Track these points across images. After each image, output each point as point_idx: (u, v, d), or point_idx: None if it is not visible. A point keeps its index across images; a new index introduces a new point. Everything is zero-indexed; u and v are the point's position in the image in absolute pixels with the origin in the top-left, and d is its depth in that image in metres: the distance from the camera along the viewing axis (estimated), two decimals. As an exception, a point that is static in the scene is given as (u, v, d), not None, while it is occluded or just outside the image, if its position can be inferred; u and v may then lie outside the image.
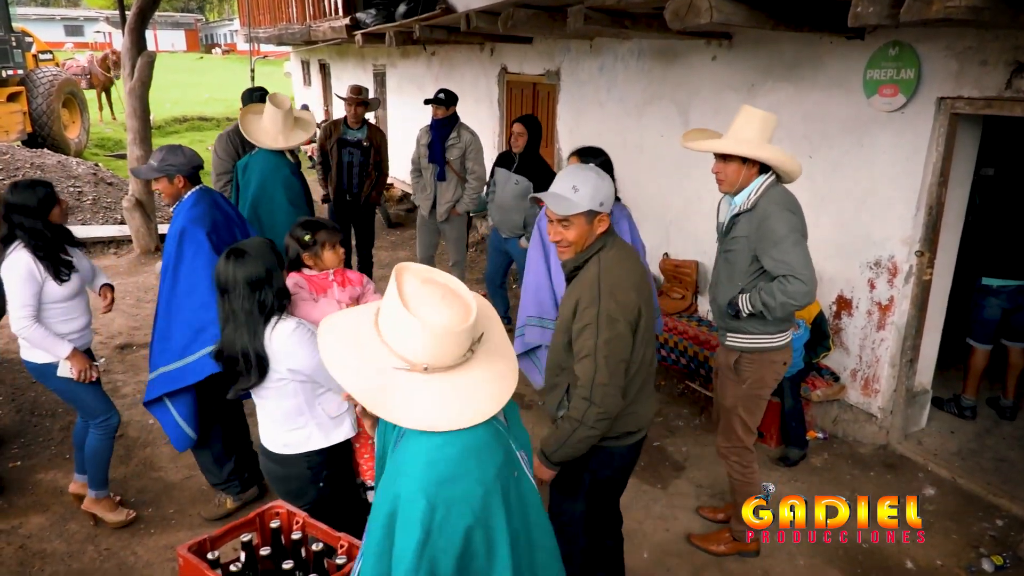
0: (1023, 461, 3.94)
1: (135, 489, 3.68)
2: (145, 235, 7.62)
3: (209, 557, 1.94)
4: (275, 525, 2.03)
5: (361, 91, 5.68)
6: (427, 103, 5.52)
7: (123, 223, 8.38)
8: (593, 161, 3.47)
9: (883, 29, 3.62)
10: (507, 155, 5.10)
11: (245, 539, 1.94)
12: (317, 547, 1.97)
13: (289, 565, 1.88)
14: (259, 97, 4.98)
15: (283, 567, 1.88)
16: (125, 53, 7.39)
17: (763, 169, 2.83)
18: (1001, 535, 3.40)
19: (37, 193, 2.98)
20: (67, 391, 3.19)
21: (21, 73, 12.34)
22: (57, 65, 14.66)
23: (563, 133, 6.64)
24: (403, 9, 7.72)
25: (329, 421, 2.49)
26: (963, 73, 3.42)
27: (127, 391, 4.65)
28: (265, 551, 1.91)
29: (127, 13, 7.41)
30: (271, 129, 4.32)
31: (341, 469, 2.63)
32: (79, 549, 3.25)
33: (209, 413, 3.30)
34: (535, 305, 3.52)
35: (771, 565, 3.21)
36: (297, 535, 2.01)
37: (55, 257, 3.02)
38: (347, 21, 9.36)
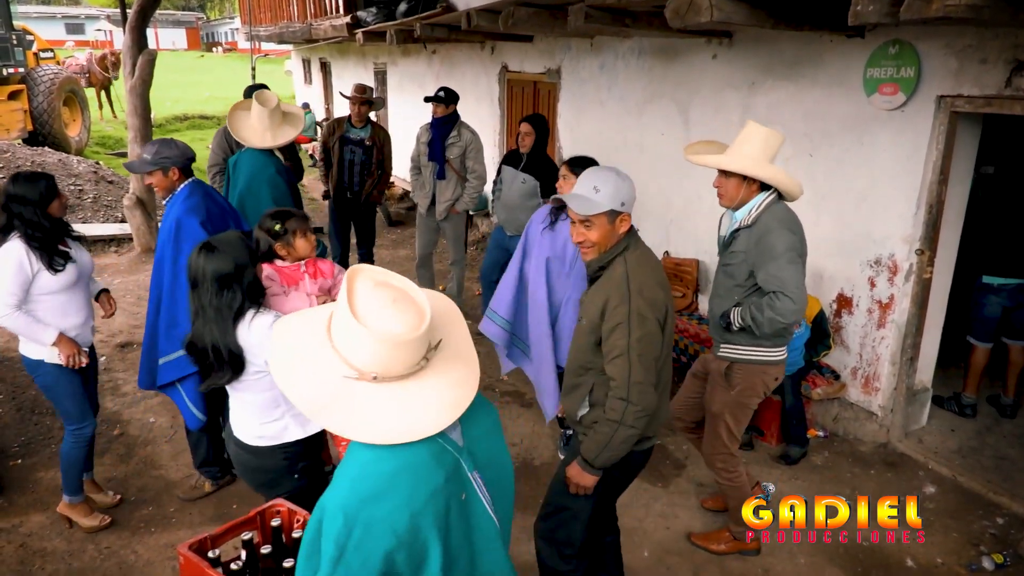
0: (1023, 459, 3.94)
1: (136, 487, 3.68)
2: (146, 233, 7.63)
3: (210, 555, 1.94)
4: (276, 523, 2.03)
5: (365, 90, 5.70)
6: (427, 101, 5.52)
7: (124, 221, 8.39)
8: (583, 171, 3.50)
9: (883, 27, 3.62)
10: (514, 154, 5.10)
11: (246, 537, 1.94)
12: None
13: (290, 563, 1.88)
14: None
15: (284, 565, 1.89)
16: (126, 51, 7.38)
17: (765, 186, 2.84)
18: (1001, 533, 3.41)
19: (38, 185, 2.99)
20: (50, 390, 3.20)
21: (22, 71, 12.34)
22: (58, 63, 14.66)
23: (564, 132, 6.63)
24: (404, 7, 7.73)
25: None
26: (963, 71, 3.41)
27: (127, 389, 4.65)
28: (266, 549, 1.91)
29: (128, 11, 7.41)
30: (258, 127, 4.35)
31: (317, 459, 2.60)
32: (79, 548, 3.26)
33: (216, 397, 3.33)
34: (497, 299, 3.73)
35: (772, 564, 3.21)
36: (298, 533, 2.01)
37: (51, 248, 3.02)
38: (348, 19, 9.37)
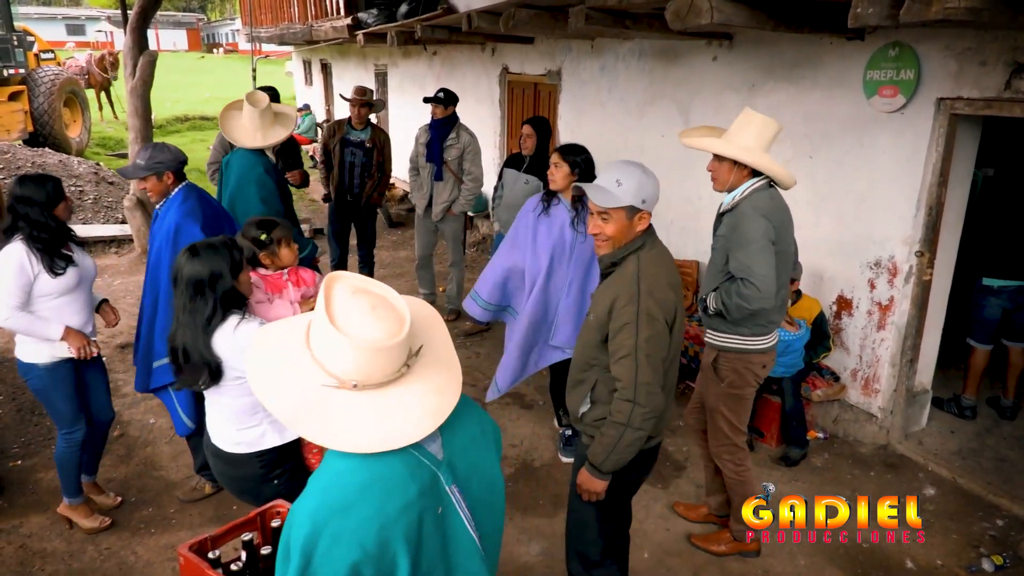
0: (1023, 461, 3.94)
1: (136, 488, 3.68)
2: (146, 235, 7.62)
3: (210, 556, 1.94)
4: (276, 524, 2.03)
5: (365, 92, 5.70)
6: (426, 102, 5.53)
7: (124, 222, 8.40)
8: (575, 158, 3.58)
9: (883, 30, 3.63)
10: (517, 157, 5.10)
11: (246, 538, 1.94)
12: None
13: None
14: (269, 96, 5.02)
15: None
16: (127, 52, 7.39)
17: (757, 173, 2.84)
18: (1001, 535, 3.41)
19: (46, 187, 3.00)
20: (43, 394, 3.19)
21: (23, 72, 12.34)
22: (59, 64, 14.67)
23: (564, 133, 6.64)
24: (404, 9, 7.74)
25: None
26: (962, 74, 3.42)
27: (127, 390, 4.65)
28: (266, 550, 1.91)
29: (129, 12, 7.42)
30: (249, 127, 4.36)
31: (295, 466, 2.59)
32: (79, 548, 3.26)
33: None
34: (482, 281, 3.85)
35: (771, 565, 3.21)
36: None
37: (54, 251, 3.01)
38: (349, 21, 9.38)
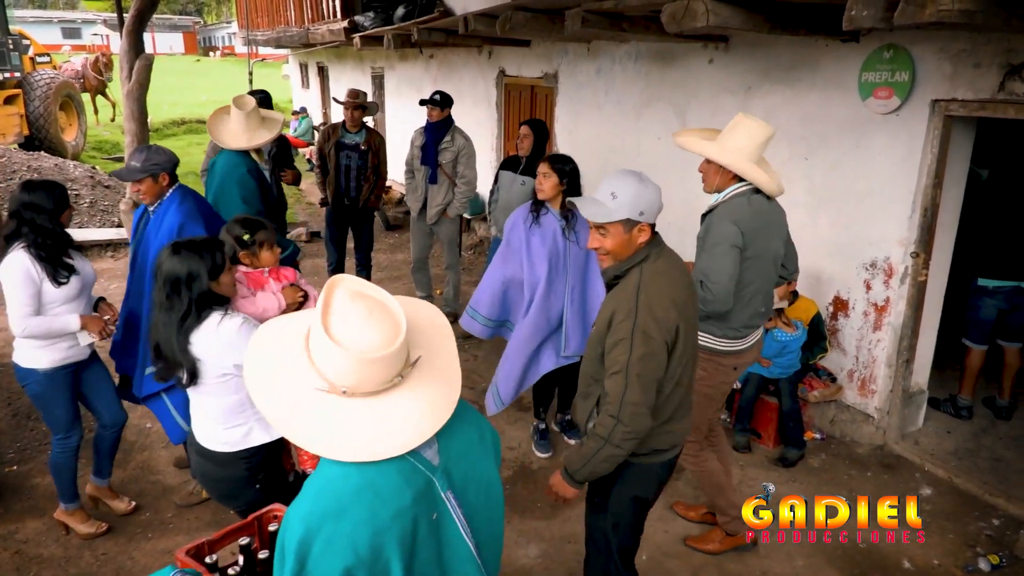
0: (1019, 461, 3.95)
1: (132, 493, 3.67)
2: (142, 238, 7.62)
3: (207, 561, 1.93)
4: (273, 528, 2.03)
5: (358, 95, 5.68)
6: (422, 104, 5.53)
7: (120, 226, 8.38)
8: (564, 167, 3.60)
9: (877, 32, 3.64)
10: (513, 159, 5.10)
11: (243, 542, 1.93)
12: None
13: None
14: (260, 99, 5.01)
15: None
16: (123, 55, 7.38)
17: (743, 178, 2.87)
18: (997, 535, 3.42)
19: (54, 193, 3.00)
20: (41, 399, 3.17)
21: (18, 76, 12.31)
22: (54, 68, 14.64)
23: (561, 135, 6.65)
24: (401, 12, 7.75)
25: None
26: (957, 75, 3.43)
27: (125, 394, 4.64)
28: (263, 555, 1.90)
29: (125, 16, 7.41)
30: (236, 129, 4.38)
31: (276, 473, 2.58)
32: (76, 554, 3.25)
33: None
34: (477, 297, 3.85)
35: (769, 566, 3.22)
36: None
37: (56, 259, 3.00)
38: (345, 24, 9.39)
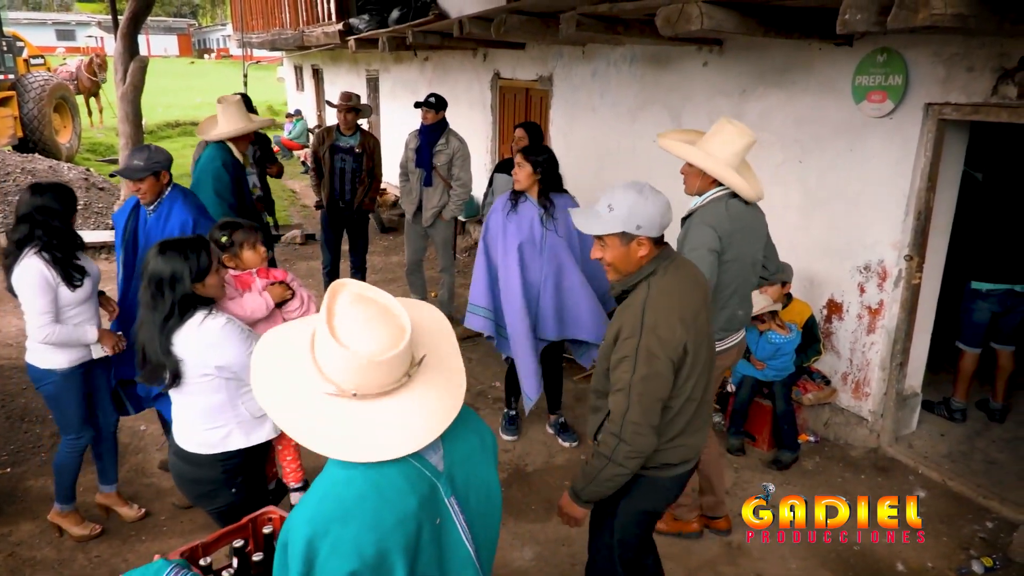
0: (1013, 463, 3.97)
1: (126, 495, 3.64)
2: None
3: (201, 563, 1.93)
4: (268, 531, 2.02)
5: (351, 98, 5.68)
6: (417, 106, 5.52)
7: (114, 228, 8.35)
8: (537, 158, 3.65)
9: (871, 35, 3.66)
10: (508, 162, 5.12)
11: (238, 545, 1.93)
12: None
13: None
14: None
15: (275, 573, 1.88)
16: (118, 58, 7.37)
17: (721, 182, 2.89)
18: (991, 537, 3.43)
19: (65, 196, 2.99)
20: (55, 400, 3.16)
21: (12, 78, 12.28)
22: (49, 70, 14.60)
23: (556, 138, 6.66)
24: (396, 15, 7.76)
25: (251, 420, 2.42)
26: (950, 79, 3.45)
27: (119, 397, 4.62)
28: (258, 557, 1.90)
29: (119, 18, 7.41)
30: (218, 122, 4.47)
31: (254, 476, 2.55)
32: (69, 556, 3.23)
33: None
34: (474, 292, 3.92)
35: (764, 568, 3.22)
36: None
37: (69, 262, 2.99)
38: (340, 26, 9.40)
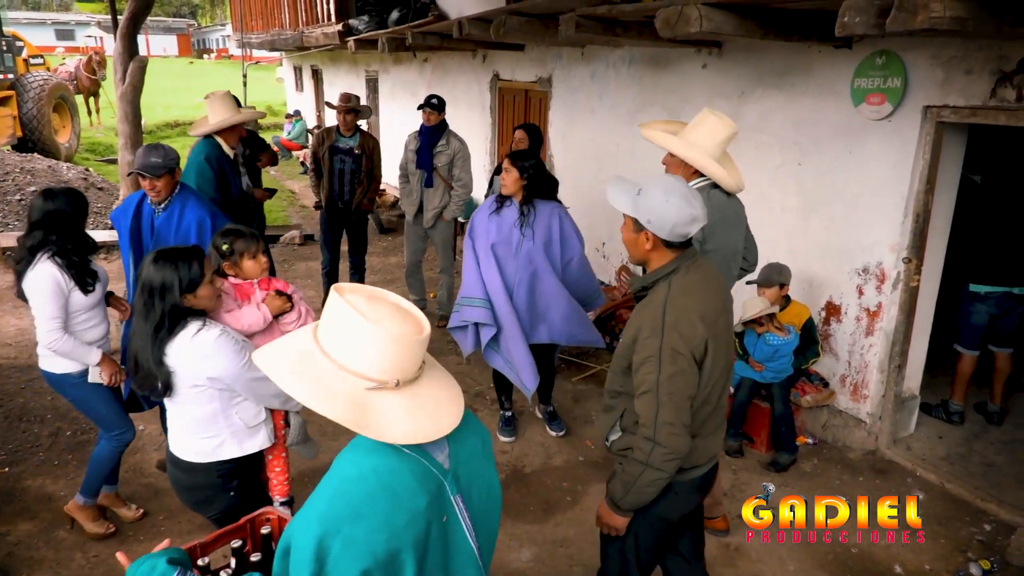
0: (1010, 466, 3.97)
1: (124, 495, 3.64)
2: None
3: (199, 563, 1.93)
4: (266, 531, 2.02)
5: (351, 99, 5.68)
6: (421, 108, 5.51)
7: (113, 228, 8.34)
8: (524, 163, 3.73)
9: (870, 38, 3.67)
10: None
11: (235, 545, 1.93)
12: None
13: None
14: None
15: (274, 573, 1.88)
16: (117, 58, 7.38)
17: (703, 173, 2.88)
18: (989, 540, 3.43)
19: (78, 200, 3.00)
20: (84, 402, 3.16)
21: (11, 77, 12.28)
22: (48, 70, 14.59)
23: (555, 140, 6.67)
24: (395, 16, 7.77)
25: (244, 430, 2.43)
26: (949, 82, 3.46)
27: (117, 397, 4.62)
28: (256, 557, 1.90)
29: (119, 18, 7.41)
30: (208, 119, 4.57)
31: (252, 479, 2.56)
32: (67, 556, 3.23)
33: None
34: (466, 286, 3.94)
35: (761, 570, 3.22)
36: (288, 541, 2.01)
37: (83, 267, 2.98)
38: (340, 27, 9.40)
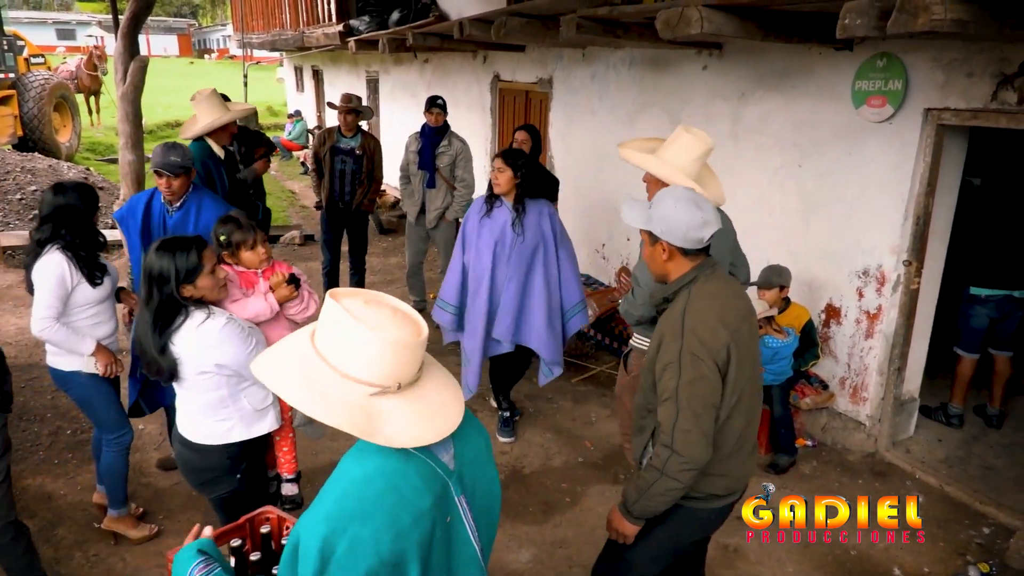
0: (1010, 469, 3.97)
1: (124, 495, 3.65)
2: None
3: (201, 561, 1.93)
4: (265, 531, 2.02)
5: (351, 99, 5.68)
6: (427, 109, 5.47)
7: (114, 227, 8.34)
8: (517, 162, 3.82)
9: (871, 40, 3.67)
10: None
11: (235, 544, 1.93)
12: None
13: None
14: None
15: (273, 572, 1.88)
16: (118, 57, 7.35)
17: None
18: (988, 543, 3.43)
19: (88, 195, 2.99)
20: (87, 402, 3.16)
21: (12, 77, 12.28)
22: (49, 69, 14.59)
23: (556, 141, 6.67)
24: (396, 16, 7.77)
25: (252, 413, 2.46)
26: (949, 84, 3.46)
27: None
28: (255, 556, 1.90)
29: (120, 17, 7.41)
30: (197, 120, 4.64)
31: (257, 462, 2.58)
32: (67, 555, 3.23)
33: None
34: (445, 289, 4.04)
35: (760, 571, 3.22)
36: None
37: (93, 260, 2.99)
38: (340, 28, 9.41)
